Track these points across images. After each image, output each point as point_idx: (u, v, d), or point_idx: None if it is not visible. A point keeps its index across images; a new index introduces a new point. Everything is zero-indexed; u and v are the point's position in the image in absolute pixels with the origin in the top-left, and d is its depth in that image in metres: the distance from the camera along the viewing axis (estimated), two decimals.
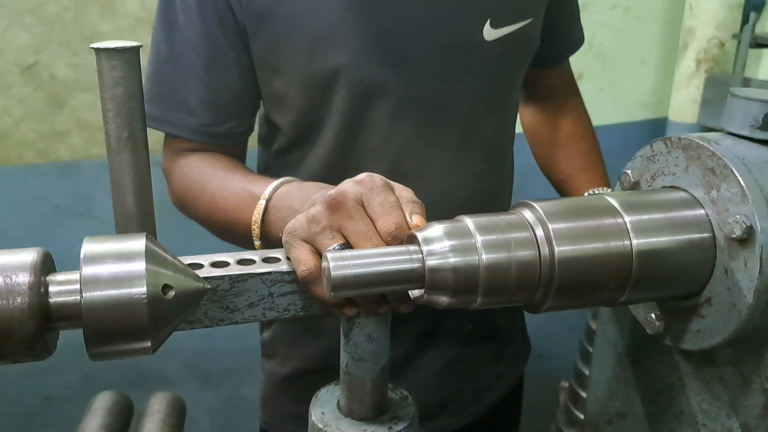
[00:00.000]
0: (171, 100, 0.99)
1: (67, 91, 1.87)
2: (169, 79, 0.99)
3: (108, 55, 0.60)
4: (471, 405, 1.19)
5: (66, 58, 1.84)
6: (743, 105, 0.62)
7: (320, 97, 0.96)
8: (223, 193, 0.92)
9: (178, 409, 1.42)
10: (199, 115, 0.98)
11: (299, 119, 0.99)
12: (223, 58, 0.96)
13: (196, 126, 0.98)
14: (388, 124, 0.98)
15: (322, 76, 0.94)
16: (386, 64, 0.94)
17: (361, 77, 0.94)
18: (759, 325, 0.58)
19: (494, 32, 0.99)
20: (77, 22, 1.83)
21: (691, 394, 0.68)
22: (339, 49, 0.92)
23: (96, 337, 0.52)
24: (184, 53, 0.96)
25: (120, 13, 1.86)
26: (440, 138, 1.01)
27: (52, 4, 1.80)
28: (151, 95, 0.99)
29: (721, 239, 0.59)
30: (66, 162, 1.93)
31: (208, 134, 0.99)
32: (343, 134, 0.98)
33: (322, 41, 0.92)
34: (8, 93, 1.82)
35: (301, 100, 0.97)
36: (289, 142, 1.03)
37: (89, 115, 1.90)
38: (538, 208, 0.59)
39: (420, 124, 0.99)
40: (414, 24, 0.95)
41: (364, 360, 0.66)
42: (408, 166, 1.00)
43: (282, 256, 0.66)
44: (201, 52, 0.95)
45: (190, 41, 0.95)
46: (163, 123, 1.00)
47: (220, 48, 0.95)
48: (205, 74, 0.96)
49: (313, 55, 0.93)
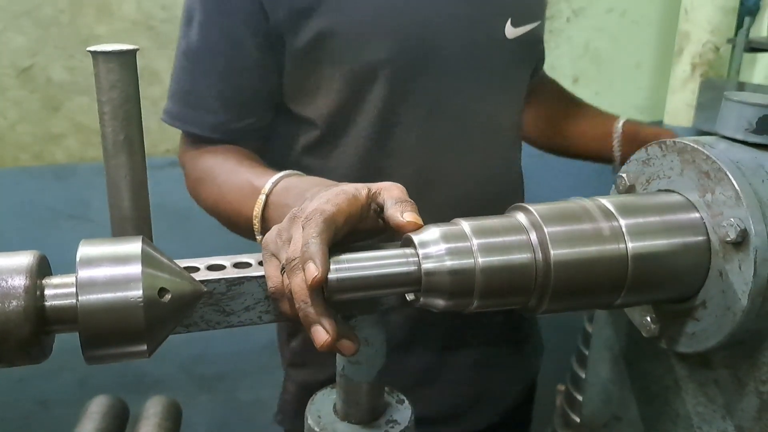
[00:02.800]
0: (189, 98, 1.00)
1: (63, 94, 1.86)
2: (188, 78, 1.00)
3: (105, 58, 0.60)
4: (498, 403, 1.19)
5: (62, 60, 1.84)
6: (738, 109, 0.63)
7: (359, 90, 0.97)
8: (228, 185, 0.93)
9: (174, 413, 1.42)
10: (217, 113, 0.99)
11: (335, 112, 0.99)
12: (245, 58, 0.97)
13: (214, 124, 0.99)
14: (422, 120, 0.99)
15: (363, 69, 0.95)
16: (423, 60, 0.97)
17: (400, 72, 0.96)
18: (754, 327, 0.58)
19: (514, 31, 1.03)
20: (73, 24, 1.82)
21: (687, 397, 0.68)
22: (380, 43, 0.94)
23: (92, 341, 0.52)
24: (204, 52, 0.97)
25: (116, 16, 1.86)
26: (469, 136, 1.03)
27: (48, 7, 1.79)
28: (171, 92, 1.02)
29: (715, 242, 0.59)
30: (62, 165, 1.92)
31: (226, 131, 1.00)
32: (377, 130, 0.99)
33: (364, 35, 0.94)
34: (4, 95, 1.82)
35: (338, 93, 0.98)
36: (320, 136, 1.02)
37: (85, 118, 1.90)
38: (533, 212, 0.59)
39: (451, 122, 1.01)
40: (446, 20, 0.97)
41: (360, 363, 0.66)
42: (439, 164, 1.02)
43: None
44: (222, 51, 0.96)
45: (210, 40, 0.96)
46: (180, 121, 1.01)
47: (243, 47, 0.96)
48: (225, 73, 0.97)
49: (355, 49, 0.94)
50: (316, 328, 0.56)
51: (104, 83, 0.61)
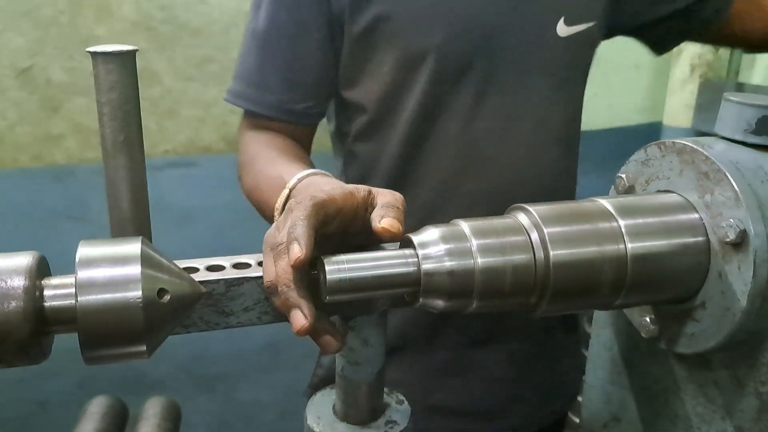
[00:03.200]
0: (253, 77, 1.05)
1: (63, 95, 1.87)
2: (254, 59, 1.05)
3: (104, 59, 0.60)
4: (537, 409, 1.19)
5: (61, 61, 1.84)
6: (737, 110, 0.63)
7: (408, 76, 1.01)
8: (263, 175, 0.97)
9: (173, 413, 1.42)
10: (278, 93, 1.04)
11: (384, 96, 1.04)
12: (310, 40, 1.02)
13: (275, 102, 1.04)
14: (467, 110, 1.02)
15: (413, 54, 1.00)
16: (472, 50, 1.00)
17: (448, 60, 1.00)
18: (753, 328, 0.58)
19: (567, 29, 1.05)
20: (73, 25, 1.83)
21: (686, 398, 0.68)
22: (431, 30, 0.98)
23: (91, 341, 0.52)
24: (271, 34, 1.03)
25: (116, 16, 1.86)
26: (514, 127, 1.05)
27: (47, 8, 1.80)
28: (236, 73, 1.08)
29: (715, 243, 0.59)
30: (61, 166, 1.93)
31: (285, 111, 1.05)
32: (423, 116, 1.03)
33: (417, 21, 0.99)
34: (3, 96, 1.82)
35: (389, 78, 1.02)
36: (368, 121, 1.07)
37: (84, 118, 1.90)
38: (533, 212, 0.59)
39: (495, 113, 1.03)
40: (498, 14, 1.01)
41: (359, 364, 0.66)
42: (482, 153, 1.04)
43: None
44: (288, 33, 1.02)
45: (278, 22, 1.02)
46: (245, 100, 1.07)
47: (308, 30, 1.01)
48: (289, 54, 1.03)
49: (408, 34, 0.99)
50: (295, 313, 0.56)
51: (103, 84, 0.61)
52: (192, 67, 2.03)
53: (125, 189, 0.63)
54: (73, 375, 1.96)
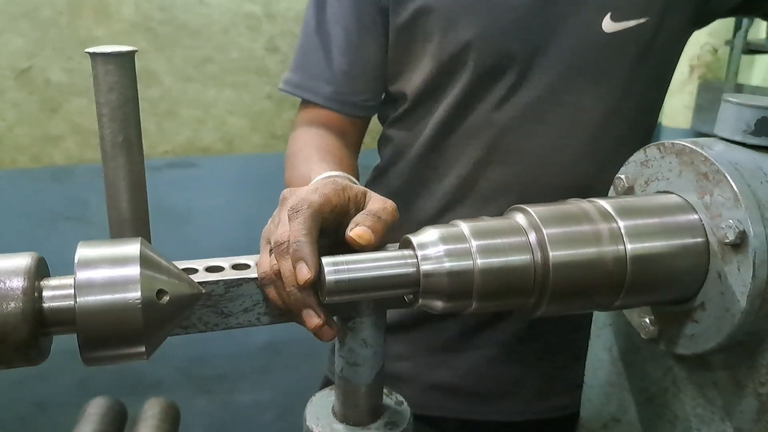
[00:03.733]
0: (313, 69, 1.09)
1: (62, 96, 1.87)
2: (314, 50, 1.09)
3: (103, 60, 0.60)
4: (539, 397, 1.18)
5: (60, 62, 1.84)
6: (736, 111, 0.63)
7: (449, 67, 1.03)
8: (299, 170, 0.99)
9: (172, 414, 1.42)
10: (337, 84, 1.08)
11: (425, 86, 1.06)
12: (366, 33, 1.06)
13: (332, 94, 1.08)
14: (500, 101, 1.03)
15: (452, 47, 1.01)
16: (512, 44, 1.01)
17: (487, 53, 1.01)
18: (752, 329, 0.58)
19: (614, 25, 1.04)
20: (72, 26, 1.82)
21: (686, 399, 0.68)
22: (470, 24, 1.00)
23: (90, 342, 0.52)
24: (330, 27, 1.07)
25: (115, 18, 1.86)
26: (544, 121, 1.05)
27: (46, 9, 1.79)
28: (295, 65, 1.12)
29: (714, 244, 0.59)
30: (60, 166, 1.92)
31: (342, 102, 1.09)
32: (459, 106, 1.04)
33: (457, 13, 1.00)
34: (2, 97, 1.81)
35: (431, 69, 1.04)
36: (407, 109, 1.10)
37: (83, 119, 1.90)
38: (532, 213, 0.59)
39: (529, 104, 1.04)
40: (539, 8, 1.00)
41: (359, 365, 0.66)
42: (508, 144, 1.05)
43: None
44: (347, 26, 1.06)
45: (337, 16, 1.06)
46: (302, 89, 1.11)
47: (364, 23, 1.06)
48: (347, 46, 1.07)
49: (448, 27, 1.00)
50: (308, 312, 0.60)
51: (103, 85, 0.61)
52: (191, 68, 2.03)
53: (124, 190, 0.63)
54: (71, 376, 1.96)
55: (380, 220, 0.62)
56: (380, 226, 0.61)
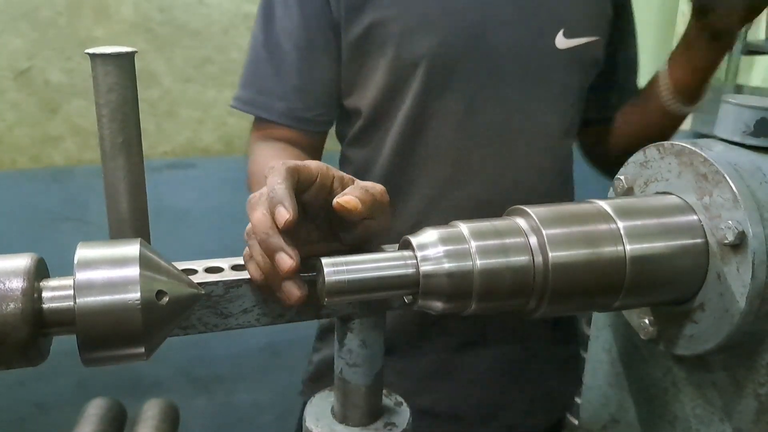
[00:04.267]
0: (264, 85, 1.08)
1: (61, 96, 1.86)
2: (263, 66, 1.07)
3: (103, 61, 0.60)
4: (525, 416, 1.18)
5: (60, 63, 1.84)
6: (735, 111, 0.63)
7: (401, 82, 1.03)
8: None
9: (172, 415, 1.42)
10: (289, 100, 1.06)
11: (378, 102, 1.05)
12: (317, 48, 1.05)
13: (285, 110, 1.07)
14: (459, 118, 1.03)
15: (405, 61, 1.01)
16: (463, 58, 1.01)
17: (439, 67, 1.01)
18: (752, 330, 0.58)
19: (567, 42, 1.06)
20: (71, 27, 1.82)
21: (685, 400, 0.68)
22: (422, 38, 0.99)
23: (89, 343, 0.52)
24: (280, 42, 1.05)
25: (114, 18, 1.86)
26: (508, 138, 1.05)
27: (45, 9, 1.79)
28: (245, 81, 1.10)
29: (713, 245, 0.59)
30: (59, 167, 1.92)
31: (296, 118, 1.08)
32: (414, 122, 1.04)
33: (409, 28, 1.00)
34: (1, 98, 1.81)
35: (382, 84, 1.04)
36: (363, 126, 1.09)
37: (83, 120, 1.90)
38: (532, 214, 0.59)
39: (489, 122, 1.04)
40: (492, 23, 1.01)
41: (358, 366, 0.66)
42: (474, 162, 1.05)
43: None
44: (296, 41, 1.04)
45: (286, 30, 1.05)
46: (254, 106, 1.09)
47: (314, 39, 1.04)
48: (298, 62, 1.05)
49: (402, 41, 1.00)
50: (280, 255, 0.55)
51: (102, 86, 0.61)
52: (191, 69, 2.03)
53: (124, 190, 0.63)
54: (71, 377, 1.96)
55: (368, 192, 0.59)
56: (368, 198, 0.58)
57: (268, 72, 1.07)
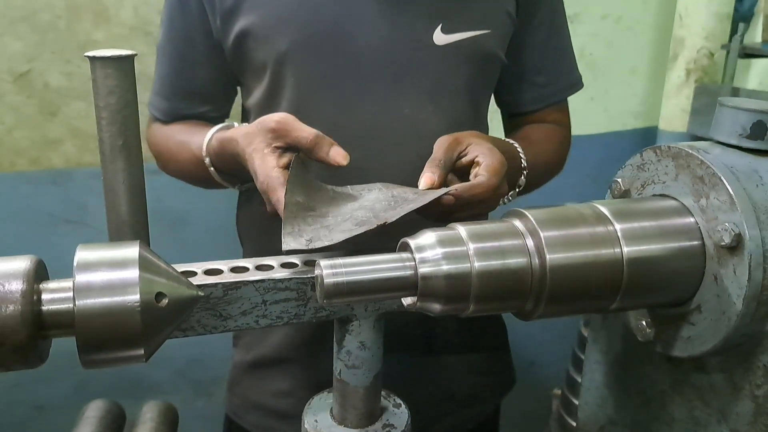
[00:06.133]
0: (155, 86, 1.15)
1: (60, 99, 1.86)
2: (157, 68, 1.15)
3: (102, 64, 0.61)
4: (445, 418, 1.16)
5: (59, 66, 1.84)
6: (732, 114, 0.63)
7: (275, 84, 1.04)
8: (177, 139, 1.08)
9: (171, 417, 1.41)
10: (171, 100, 1.14)
11: (261, 104, 1.07)
12: (197, 54, 1.10)
13: (169, 109, 1.14)
14: (333, 117, 1.01)
15: (272, 63, 1.03)
16: (328, 56, 1.01)
17: (304, 66, 1.01)
18: (748, 332, 0.58)
19: (445, 37, 1.03)
20: (71, 30, 1.82)
21: (682, 401, 0.68)
22: (283, 38, 1.01)
23: (89, 345, 0.52)
24: (166, 46, 1.12)
25: (114, 21, 1.86)
26: (384, 136, 1.03)
27: (45, 12, 1.80)
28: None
29: (710, 247, 0.60)
30: (59, 170, 1.92)
31: (176, 116, 1.14)
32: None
33: (273, 30, 1.01)
34: (1, 101, 1.81)
35: (262, 87, 1.06)
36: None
37: (82, 123, 1.90)
38: (529, 217, 0.60)
39: (364, 119, 1.02)
40: (360, 20, 1.00)
41: (357, 368, 0.66)
42: (353, 158, 0.96)
43: (276, 264, 0.66)
44: (177, 46, 1.11)
45: (170, 36, 1.11)
46: (150, 105, 1.16)
47: (195, 44, 1.09)
48: (179, 64, 1.12)
49: (265, 44, 1.02)
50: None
51: (102, 88, 0.61)
52: None
53: (123, 193, 0.64)
54: (70, 379, 1.96)
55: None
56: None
57: (157, 74, 1.15)
